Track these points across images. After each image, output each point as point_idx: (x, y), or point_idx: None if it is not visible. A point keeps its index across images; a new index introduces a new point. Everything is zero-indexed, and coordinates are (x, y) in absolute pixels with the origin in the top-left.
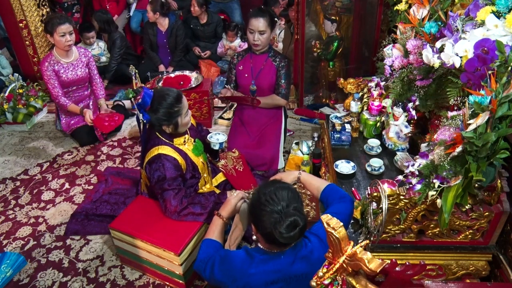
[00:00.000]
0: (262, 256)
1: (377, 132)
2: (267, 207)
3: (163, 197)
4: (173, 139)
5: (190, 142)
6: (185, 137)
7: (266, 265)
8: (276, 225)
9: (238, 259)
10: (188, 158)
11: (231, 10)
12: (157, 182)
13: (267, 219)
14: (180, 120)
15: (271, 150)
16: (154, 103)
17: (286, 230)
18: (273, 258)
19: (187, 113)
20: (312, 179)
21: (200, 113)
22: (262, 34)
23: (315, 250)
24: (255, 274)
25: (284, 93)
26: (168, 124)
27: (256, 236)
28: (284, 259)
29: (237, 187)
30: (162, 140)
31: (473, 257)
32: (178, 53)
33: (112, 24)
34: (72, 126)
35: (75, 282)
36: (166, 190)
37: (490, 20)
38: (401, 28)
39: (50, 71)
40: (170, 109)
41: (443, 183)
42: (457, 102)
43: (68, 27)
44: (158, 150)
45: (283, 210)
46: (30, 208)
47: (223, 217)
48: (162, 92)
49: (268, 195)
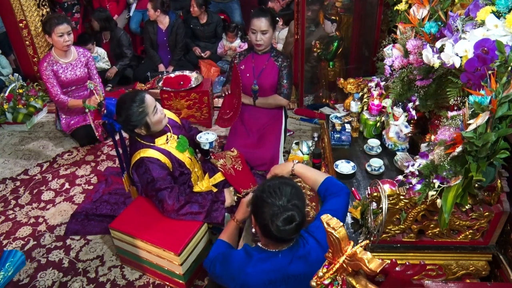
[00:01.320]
0: (260, 255)
1: (377, 132)
2: (269, 199)
3: (158, 198)
4: (154, 139)
5: (173, 140)
6: (167, 135)
7: (263, 264)
8: (273, 217)
9: (237, 258)
10: (172, 156)
11: (231, 10)
12: (147, 185)
13: (267, 210)
14: (149, 120)
15: (271, 150)
16: (119, 110)
17: (282, 223)
18: (271, 257)
19: (155, 112)
20: (307, 172)
21: (200, 113)
22: (265, 34)
23: (313, 251)
24: (252, 273)
25: (286, 93)
26: (139, 126)
27: (255, 229)
28: (282, 258)
29: (236, 186)
30: (143, 143)
31: (473, 257)
32: (178, 52)
33: (111, 21)
34: (72, 126)
35: (75, 282)
36: (159, 191)
37: (490, 20)
38: (401, 28)
39: (49, 71)
40: (133, 111)
41: (443, 183)
42: (457, 102)
43: (66, 27)
44: (140, 154)
45: (283, 205)
46: (30, 208)
47: (237, 220)
48: (123, 97)
49: (272, 188)
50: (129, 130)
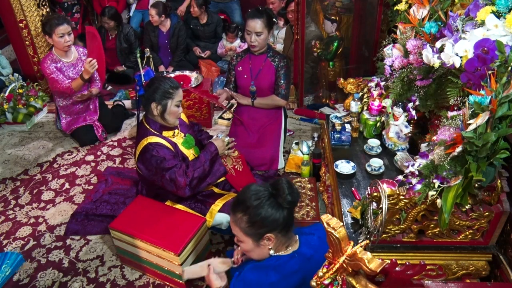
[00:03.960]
0: (277, 262)
1: (377, 132)
2: (261, 201)
3: (169, 178)
4: (162, 131)
5: (180, 136)
6: (174, 131)
7: (284, 269)
8: (278, 199)
9: (254, 277)
10: (178, 148)
11: (231, 10)
12: (157, 167)
13: (268, 207)
14: (169, 104)
15: (271, 150)
16: (153, 80)
17: (288, 189)
18: (288, 260)
19: (179, 104)
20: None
21: (200, 113)
22: (259, 36)
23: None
24: (277, 283)
25: (284, 94)
26: (158, 102)
27: (271, 241)
28: (298, 257)
29: (236, 187)
30: (151, 131)
31: (473, 257)
32: (179, 53)
33: (119, 14)
34: (72, 126)
35: (75, 282)
36: (169, 170)
37: (490, 20)
38: (401, 28)
39: (53, 67)
40: (164, 88)
41: (443, 183)
42: (457, 102)
43: (67, 27)
44: (147, 140)
45: (268, 190)
46: (30, 208)
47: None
48: (163, 76)
49: (252, 198)
50: (148, 102)
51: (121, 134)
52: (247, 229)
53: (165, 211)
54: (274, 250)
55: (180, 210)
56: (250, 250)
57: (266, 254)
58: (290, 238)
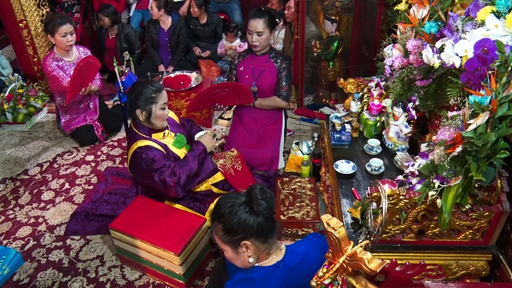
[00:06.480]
0: (262, 274)
1: (377, 132)
2: (233, 208)
3: (159, 179)
4: (152, 134)
5: (170, 137)
6: (164, 132)
7: (269, 282)
8: (252, 205)
9: None
10: (169, 150)
11: (231, 10)
12: (147, 168)
13: (242, 213)
14: (154, 109)
15: (271, 150)
16: (135, 85)
17: (260, 195)
18: (272, 271)
19: (163, 107)
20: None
21: (200, 113)
22: (260, 35)
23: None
24: None
25: (285, 95)
26: (142, 108)
27: (249, 249)
28: (283, 268)
29: (235, 186)
30: (140, 135)
31: (473, 257)
32: (179, 53)
33: (118, 14)
34: (72, 126)
35: (75, 282)
36: (158, 170)
37: (490, 20)
38: (401, 28)
39: (54, 65)
40: (147, 92)
41: (443, 183)
42: (457, 102)
43: (69, 27)
44: (138, 144)
45: (243, 197)
46: (30, 208)
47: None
48: (144, 79)
49: (227, 205)
50: (132, 108)
51: (121, 134)
52: (223, 237)
53: (165, 211)
54: (255, 258)
55: (180, 210)
56: (232, 258)
57: (247, 262)
58: (271, 246)
